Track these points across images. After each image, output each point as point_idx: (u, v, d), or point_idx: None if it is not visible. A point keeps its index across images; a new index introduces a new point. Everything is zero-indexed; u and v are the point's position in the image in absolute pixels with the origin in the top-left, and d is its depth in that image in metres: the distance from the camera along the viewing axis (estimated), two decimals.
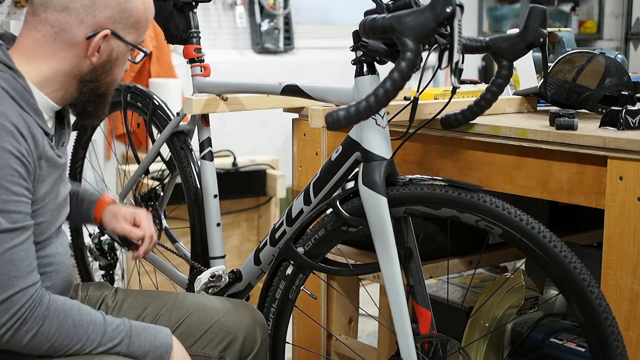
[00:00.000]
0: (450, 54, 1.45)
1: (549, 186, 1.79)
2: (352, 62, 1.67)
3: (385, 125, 1.66)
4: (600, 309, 1.49)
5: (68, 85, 1.51)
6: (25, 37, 1.50)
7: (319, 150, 2.23)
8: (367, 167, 1.65)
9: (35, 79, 1.47)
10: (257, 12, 4.30)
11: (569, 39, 2.40)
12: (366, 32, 1.50)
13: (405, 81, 1.41)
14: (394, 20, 1.42)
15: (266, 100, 2.19)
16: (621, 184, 1.64)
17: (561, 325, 2.08)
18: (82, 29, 1.47)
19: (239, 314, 1.74)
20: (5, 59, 1.45)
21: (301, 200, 1.85)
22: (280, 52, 4.41)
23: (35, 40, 1.48)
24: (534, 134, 1.77)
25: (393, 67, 1.42)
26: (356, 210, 1.69)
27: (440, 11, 1.41)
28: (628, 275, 1.64)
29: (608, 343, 1.49)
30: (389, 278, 1.64)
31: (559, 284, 1.52)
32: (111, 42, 1.51)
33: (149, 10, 1.56)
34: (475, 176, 1.92)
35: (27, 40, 1.49)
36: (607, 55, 1.97)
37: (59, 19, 1.46)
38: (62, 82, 1.50)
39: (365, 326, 2.92)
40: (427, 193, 1.61)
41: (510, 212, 1.54)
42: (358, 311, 2.50)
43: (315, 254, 1.78)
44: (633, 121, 1.74)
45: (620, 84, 1.92)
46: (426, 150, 2.02)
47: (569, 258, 1.50)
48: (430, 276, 2.19)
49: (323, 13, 4.91)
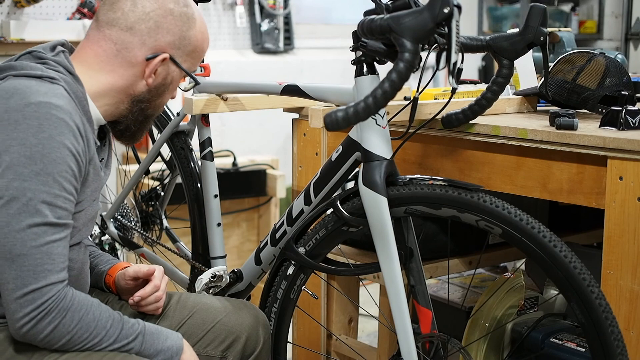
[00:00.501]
0: (448, 54, 1.45)
1: (549, 186, 1.79)
2: (351, 62, 1.67)
3: (385, 126, 1.66)
4: (601, 308, 1.49)
5: (120, 102, 1.55)
6: (86, 49, 1.54)
7: (319, 150, 2.24)
8: (367, 167, 1.65)
9: (90, 90, 1.51)
10: (257, 12, 4.30)
11: (569, 39, 2.40)
12: (365, 33, 1.50)
13: (403, 82, 1.41)
14: (392, 21, 1.43)
15: (266, 100, 2.20)
16: (621, 184, 1.64)
17: (561, 325, 2.08)
18: (144, 50, 1.52)
19: (241, 314, 1.75)
20: (68, 64, 1.49)
21: (301, 200, 1.85)
22: (280, 52, 4.41)
23: (96, 53, 1.53)
24: (534, 134, 1.77)
25: (391, 67, 1.42)
26: (356, 210, 1.69)
27: (438, 12, 1.41)
28: (628, 275, 1.64)
29: (608, 343, 1.49)
30: (389, 278, 1.64)
31: (559, 283, 1.52)
32: (168, 66, 1.56)
33: (206, 41, 1.62)
34: (475, 176, 1.92)
35: (88, 52, 1.54)
36: (607, 55, 1.97)
37: (123, 38, 1.51)
38: (115, 98, 1.54)
39: (365, 326, 2.92)
40: (427, 193, 1.61)
41: (510, 212, 1.54)
42: (358, 311, 2.50)
43: (316, 254, 1.78)
44: (633, 121, 1.74)
45: (620, 84, 1.92)
46: (426, 150, 2.02)
47: (569, 258, 1.51)
48: (431, 276, 2.19)
49: (323, 13, 4.91)
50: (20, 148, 1.35)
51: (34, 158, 1.35)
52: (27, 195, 1.35)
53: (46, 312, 1.38)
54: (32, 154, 1.35)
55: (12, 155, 1.35)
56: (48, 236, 1.37)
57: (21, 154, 1.35)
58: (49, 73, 1.45)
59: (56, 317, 1.39)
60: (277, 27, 4.38)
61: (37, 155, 1.35)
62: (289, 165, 2.52)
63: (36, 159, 1.35)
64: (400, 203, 1.64)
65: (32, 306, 1.37)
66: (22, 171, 1.35)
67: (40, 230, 1.36)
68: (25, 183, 1.35)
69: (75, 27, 3.55)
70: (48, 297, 1.38)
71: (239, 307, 1.77)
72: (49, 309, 1.38)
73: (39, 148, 1.35)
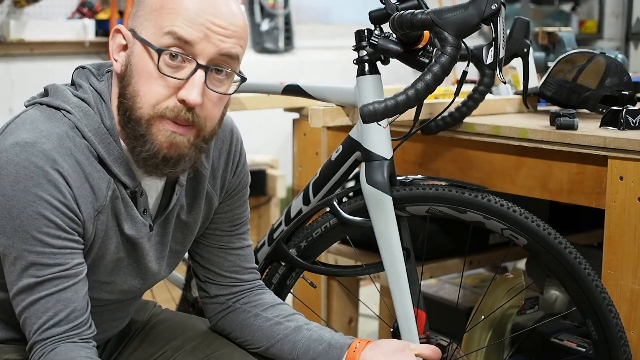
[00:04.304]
0: (496, 49, 1.45)
1: (550, 186, 1.79)
2: (354, 61, 1.66)
3: (386, 126, 1.66)
4: (617, 328, 1.53)
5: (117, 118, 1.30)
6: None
7: (319, 150, 2.23)
8: (370, 166, 1.65)
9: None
10: (257, 12, 4.30)
11: (569, 39, 2.40)
12: (397, 27, 1.49)
13: (445, 75, 1.40)
14: (435, 15, 1.42)
15: (266, 100, 2.19)
16: (621, 184, 1.63)
17: (561, 325, 2.08)
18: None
19: None
20: (105, 90, 1.31)
21: (300, 200, 1.84)
22: (280, 52, 4.41)
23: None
24: (534, 133, 1.77)
25: (433, 61, 1.41)
26: (358, 210, 1.68)
27: (485, 7, 1.41)
28: (628, 275, 1.64)
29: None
30: (394, 277, 1.63)
31: (578, 299, 1.55)
32: (130, 40, 1.28)
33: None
34: (476, 176, 1.91)
35: None
36: (607, 55, 1.97)
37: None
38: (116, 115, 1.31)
39: (365, 326, 2.92)
40: (427, 193, 1.61)
41: (539, 225, 1.55)
42: (358, 311, 2.50)
43: (309, 254, 1.76)
44: (633, 121, 1.73)
45: (620, 83, 1.92)
46: (426, 150, 2.02)
47: (592, 276, 1.54)
48: (431, 276, 2.19)
49: (323, 13, 4.91)
50: (1, 199, 1.22)
51: (12, 213, 1.22)
52: (12, 253, 1.24)
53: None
54: (9, 207, 1.22)
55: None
56: (34, 295, 1.25)
57: (2, 206, 1.23)
58: (68, 104, 1.28)
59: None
60: (277, 27, 4.38)
61: (14, 211, 1.22)
62: (289, 165, 2.52)
63: (13, 214, 1.22)
64: (402, 203, 1.64)
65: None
66: (5, 226, 1.23)
67: (27, 289, 1.25)
68: (9, 240, 1.23)
69: (75, 27, 3.55)
70: (32, 356, 1.28)
71: None
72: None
73: (14, 202, 1.22)
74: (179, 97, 1.24)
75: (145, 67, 1.24)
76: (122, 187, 1.31)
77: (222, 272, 1.54)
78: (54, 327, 1.27)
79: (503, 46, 1.45)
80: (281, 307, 1.54)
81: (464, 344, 2.08)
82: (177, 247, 1.46)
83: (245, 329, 1.52)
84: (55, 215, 1.23)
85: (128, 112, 1.26)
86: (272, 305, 1.54)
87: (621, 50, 5.51)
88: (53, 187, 1.22)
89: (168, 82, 1.24)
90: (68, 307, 1.27)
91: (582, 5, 5.71)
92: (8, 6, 3.43)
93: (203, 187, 1.44)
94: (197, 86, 1.23)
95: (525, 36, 1.75)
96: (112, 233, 1.32)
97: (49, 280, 1.25)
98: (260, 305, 1.53)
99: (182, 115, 1.25)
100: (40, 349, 1.27)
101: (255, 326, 1.51)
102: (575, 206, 1.84)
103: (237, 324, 1.53)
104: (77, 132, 1.27)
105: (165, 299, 2.27)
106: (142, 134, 1.25)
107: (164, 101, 1.24)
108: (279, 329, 1.49)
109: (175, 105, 1.24)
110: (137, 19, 1.27)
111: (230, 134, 1.48)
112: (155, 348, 1.56)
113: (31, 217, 1.22)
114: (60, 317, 1.27)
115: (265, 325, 1.50)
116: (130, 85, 1.26)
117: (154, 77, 1.24)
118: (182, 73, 1.24)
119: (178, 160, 1.27)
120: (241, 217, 1.55)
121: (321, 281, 2.36)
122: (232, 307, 1.54)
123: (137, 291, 1.46)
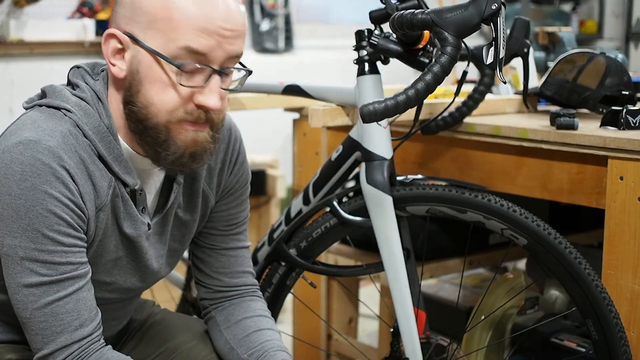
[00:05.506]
0: (496, 49, 1.45)
1: (550, 186, 1.79)
2: (354, 61, 1.67)
3: (386, 126, 1.66)
4: (617, 328, 1.53)
5: (123, 117, 1.30)
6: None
7: (319, 150, 2.23)
8: (370, 166, 1.65)
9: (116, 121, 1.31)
10: (257, 12, 4.30)
11: (569, 39, 2.40)
12: (397, 27, 1.48)
13: (445, 75, 1.40)
14: (435, 15, 1.42)
15: (266, 100, 2.19)
16: (622, 184, 1.63)
17: (561, 325, 2.08)
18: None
19: None
20: (101, 90, 1.31)
21: (300, 200, 1.84)
22: (280, 52, 4.41)
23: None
24: (534, 133, 1.77)
25: (433, 61, 1.40)
26: (358, 210, 1.68)
27: (485, 7, 1.41)
28: (628, 275, 1.64)
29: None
30: (394, 277, 1.63)
31: (578, 300, 1.56)
32: (133, 47, 1.26)
33: (171, 7, 1.22)
34: (476, 176, 1.92)
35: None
36: (607, 55, 1.97)
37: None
38: (120, 113, 1.31)
39: (365, 326, 2.92)
40: (427, 193, 1.61)
41: (539, 225, 1.55)
42: (358, 311, 2.50)
43: (309, 254, 1.76)
44: (634, 121, 1.73)
45: (620, 83, 1.92)
46: (426, 150, 2.02)
47: (592, 276, 1.54)
48: (431, 276, 2.19)
49: (323, 13, 4.91)
50: (7, 198, 1.20)
51: (20, 212, 1.20)
52: (18, 254, 1.21)
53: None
54: (17, 207, 1.20)
55: (2, 205, 1.21)
56: (49, 296, 1.23)
57: (8, 205, 1.20)
58: (68, 103, 1.28)
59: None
60: (277, 27, 4.38)
61: (22, 209, 1.20)
62: (289, 165, 2.52)
63: (21, 213, 1.20)
64: (403, 202, 1.64)
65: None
66: (12, 226, 1.21)
67: (39, 291, 1.22)
68: (15, 240, 1.21)
69: (75, 27, 3.55)
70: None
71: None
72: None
73: (22, 201, 1.20)
74: (197, 102, 1.25)
75: (158, 77, 1.24)
76: (122, 186, 1.31)
77: (211, 273, 1.53)
78: (81, 329, 1.25)
79: (503, 46, 1.45)
80: (256, 323, 1.50)
81: (464, 344, 2.08)
82: (176, 245, 1.47)
83: (214, 342, 1.53)
84: (65, 212, 1.22)
85: (143, 121, 1.26)
86: (246, 318, 1.51)
87: (621, 50, 5.51)
88: (61, 184, 1.21)
89: (183, 89, 1.25)
90: (87, 306, 1.26)
91: (582, 5, 5.71)
92: (8, 6, 3.43)
93: (199, 186, 1.44)
94: (215, 92, 1.25)
95: (526, 36, 1.75)
96: (111, 231, 1.32)
97: (64, 280, 1.23)
98: (233, 318, 1.52)
99: (201, 117, 1.27)
100: (81, 349, 1.24)
101: (219, 343, 1.52)
102: (575, 206, 1.84)
103: (212, 334, 1.54)
104: (78, 130, 1.27)
105: (165, 299, 2.27)
106: (165, 139, 1.26)
107: (181, 107, 1.25)
108: (233, 355, 1.48)
109: (194, 109, 1.26)
110: (135, 25, 1.25)
111: (229, 132, 1.48)
112: (151, 349, 1.56)
113: (41, 214, 1.20)
114: (85, 317, 1.26)
115: (225, 348, 1.50)
116: (140, 93, 1.25)
117: (168, 86, 1.24)
118: (197, 80, 1.25)
119: (202, 154, 1.29)
120: (237, 217, 1.55)
121: (321, 281, 2.36)
122: (209, 315, 1.55)
123: (137, 290, 1.46)
